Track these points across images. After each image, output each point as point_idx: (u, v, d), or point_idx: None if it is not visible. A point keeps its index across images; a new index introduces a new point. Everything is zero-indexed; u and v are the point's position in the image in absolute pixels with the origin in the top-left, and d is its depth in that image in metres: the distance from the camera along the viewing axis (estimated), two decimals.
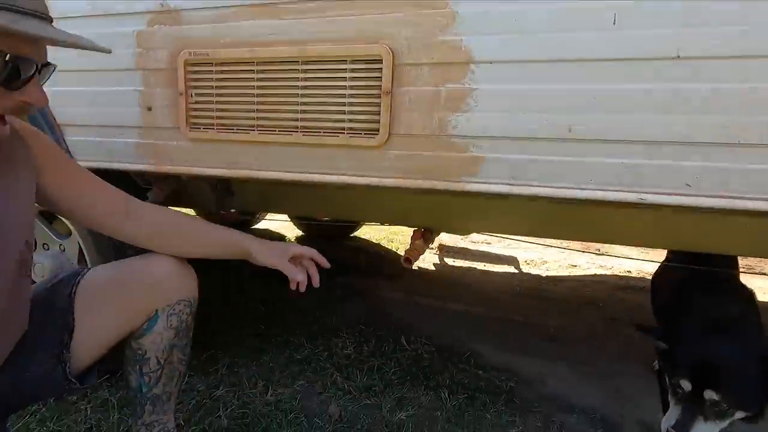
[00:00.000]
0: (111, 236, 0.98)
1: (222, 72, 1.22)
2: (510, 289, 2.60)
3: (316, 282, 1.02)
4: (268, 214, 3.25)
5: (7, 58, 0.67)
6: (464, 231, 1.66)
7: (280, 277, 1.02)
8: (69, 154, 1.41)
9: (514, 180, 1.02)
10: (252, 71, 1.19)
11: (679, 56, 0.85)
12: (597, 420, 1.45)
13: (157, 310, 0.96)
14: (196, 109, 1.26)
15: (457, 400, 1.51)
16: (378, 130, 1.10)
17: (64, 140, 1.42)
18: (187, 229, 1.02)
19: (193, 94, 1.26)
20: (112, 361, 1.00)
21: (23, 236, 0.83)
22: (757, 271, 3.08)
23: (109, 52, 0.84)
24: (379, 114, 1.09)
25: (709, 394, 1.00)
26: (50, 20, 0.74)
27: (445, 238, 3.48)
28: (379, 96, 1.08)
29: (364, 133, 1.12)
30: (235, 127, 1.23)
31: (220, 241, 1.04)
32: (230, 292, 2.31)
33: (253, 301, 2.22)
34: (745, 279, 1.40)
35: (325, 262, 1.05)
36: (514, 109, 0.98)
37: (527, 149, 0.99)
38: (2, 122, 0.72)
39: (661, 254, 1.70)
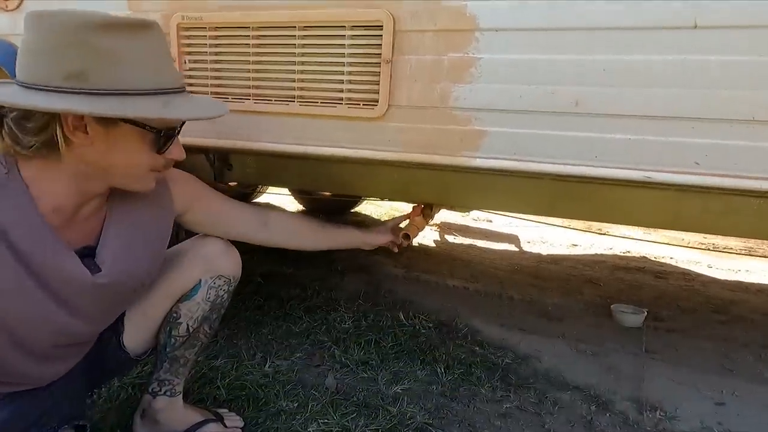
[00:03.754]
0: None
1: (216, 37, 1.17)
2: (510, 266, 2.59)
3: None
4: (269, 188, 3.22)
5: (162, 134, 0.80)
6: (465, 207, 1.63)
7: (279, 252, 1.04)
8: None
9: (517, 156, 0.98)
10: (247, 36, 1.14)
11: (696, 25, 0.81)
12: (591, 397, 1.46)
13: (200, 280, 1.05)
14: (190, 76, 1.22)
15: (452, 374, 1.52)
16: (377, 100, 1.06)
17: None
18: (314, 227, 1.22)
19: (187, 61, 1.21)
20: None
21: (149, 271, 0.97)
22: (758, 254, 3.07)
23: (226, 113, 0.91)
24: (379, 84, 1.05)
25: None
26: (184, 88, 0.84)
27: (446, 215, 3.45)
28: (378, 65, 1.04)
29: (363, 104, 1.08)
30: (229, 96, 1.19)
31: (340, 234, 1.26)
32: None
33: (253, 275, 2.22)
34: (744, 262, 1.36)
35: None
36: (519, 80, 0.93)
37: (532, 123, 0.95)
38: (154, 177, 0.86)
39: (662, 235, 1.68)
